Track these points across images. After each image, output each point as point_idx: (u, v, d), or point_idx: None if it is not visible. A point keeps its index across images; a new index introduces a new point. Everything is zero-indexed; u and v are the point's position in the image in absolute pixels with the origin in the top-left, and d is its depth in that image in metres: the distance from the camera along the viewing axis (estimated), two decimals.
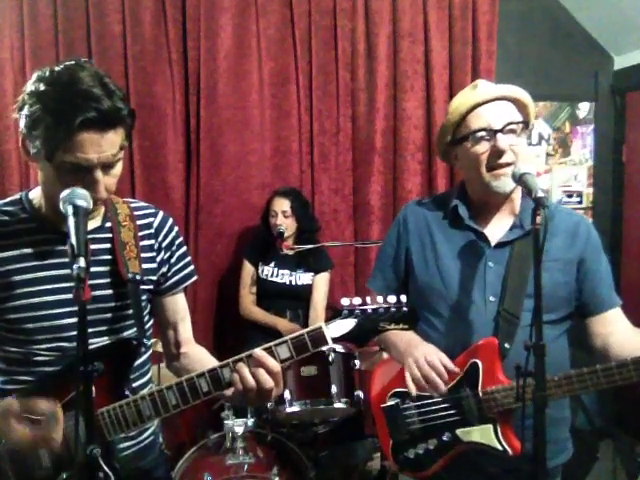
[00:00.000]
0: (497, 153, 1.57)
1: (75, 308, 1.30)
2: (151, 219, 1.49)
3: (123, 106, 1.23)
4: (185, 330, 1.58)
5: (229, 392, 1.32)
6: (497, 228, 1.69)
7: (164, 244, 1.49)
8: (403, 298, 1.28)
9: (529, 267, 1.59)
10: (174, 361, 1.59)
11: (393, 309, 1.26)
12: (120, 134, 1.25)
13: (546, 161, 3.89)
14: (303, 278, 3.27)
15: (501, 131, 1.57)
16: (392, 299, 1.27)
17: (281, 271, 3.27)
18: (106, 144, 1.22)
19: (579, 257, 1.66)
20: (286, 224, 3.19)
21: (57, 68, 1.23)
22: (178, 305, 1.55)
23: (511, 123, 1.58)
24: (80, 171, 1.22)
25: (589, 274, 1.66)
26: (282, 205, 3.21)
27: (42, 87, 1.20)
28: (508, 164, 1.58)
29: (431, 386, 1.59)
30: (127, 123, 1.26)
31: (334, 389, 2.64)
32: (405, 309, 1.27)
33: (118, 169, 1.29)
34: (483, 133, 1.58)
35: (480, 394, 1.59)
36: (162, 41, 3.32)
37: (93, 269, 1.10)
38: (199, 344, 1.61)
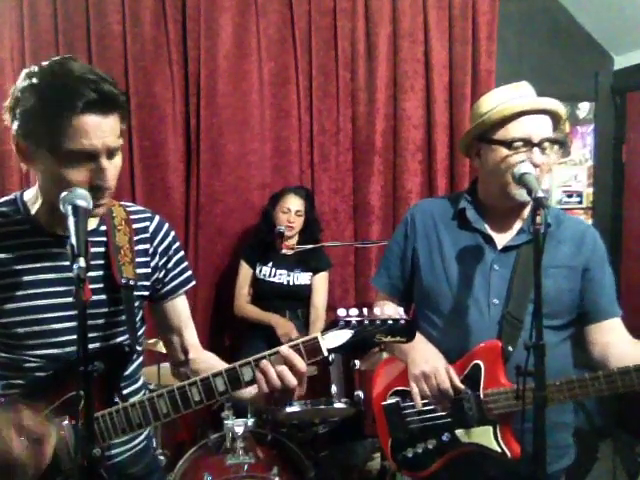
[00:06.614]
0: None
1: (67, 312, 1.30)
2: (147, 223, 1.46)
3: (118, 91, 1.21)
4: (191, 336, 1.54)
5: (248, 393, 1.30)
6: (505, 232, 1.69)
7: (160, 249, 1.45)
8: (401, 311, 1.26)
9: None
10: (182, 367, 1.55)
11: (390, 322, 1.24)
12: (118, 119, 1.23)
13: None
14: (301, 278, 3.26)
15: (538, 145, 1.56)
16: (390, 311, 1.25)
17: (279, 271, 3.26)
18: (108, 128, 1.19)
19: (584, 266, 1.66)
20: (296, 223, 3.20)
21: (45, 63, 1.21)
22: (179, 310, 1.52)
23: (547, 140, 1.57)
24: (86, 160, 1.19)
25: (592, 283, 1.66)
26: (297, 204, 3.21)
27: (35, 80, 1.18)
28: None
29: (437, 404, 1.62)
30: (124, 107, 1.24)
31: (334, 389, 2.64)
32: (403, 322, 1.25)
33: (119, 159, 1.26)
34: (521, 144, 1.56)
35: (481, 395, 1.59)
36: (162, 41, 3.32)
37: (87, 273, 1.07)
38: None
